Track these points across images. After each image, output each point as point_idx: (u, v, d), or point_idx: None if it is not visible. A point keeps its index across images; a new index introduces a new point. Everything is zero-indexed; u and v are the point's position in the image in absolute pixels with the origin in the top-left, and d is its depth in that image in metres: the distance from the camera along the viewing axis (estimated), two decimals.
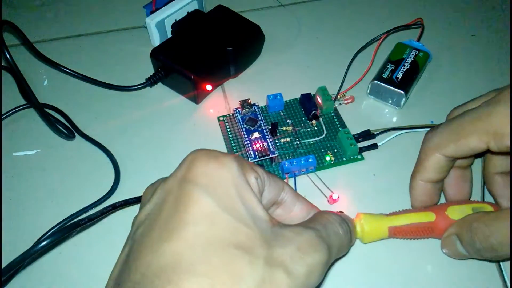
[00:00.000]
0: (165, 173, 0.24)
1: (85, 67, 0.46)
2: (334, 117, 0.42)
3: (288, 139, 0.40)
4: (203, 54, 0.42)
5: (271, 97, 0.42)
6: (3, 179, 0.38)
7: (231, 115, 0.43)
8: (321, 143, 0.40)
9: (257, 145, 0.38)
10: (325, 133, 0.41)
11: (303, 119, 0.42)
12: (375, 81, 0.42)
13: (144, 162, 0.39)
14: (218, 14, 0.47)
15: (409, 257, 0.33)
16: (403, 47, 0.45)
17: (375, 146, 0.40)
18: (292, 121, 0.42)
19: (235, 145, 0.40)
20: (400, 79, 0.42)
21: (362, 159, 0.39)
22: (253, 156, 0.37)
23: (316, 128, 0.41)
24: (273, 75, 0.47)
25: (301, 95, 0.43)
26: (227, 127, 0.42)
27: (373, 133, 0.40)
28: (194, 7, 0.48)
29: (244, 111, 0.40)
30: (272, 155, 0.37)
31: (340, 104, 0.43)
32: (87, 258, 0.33)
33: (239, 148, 0.40)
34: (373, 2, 0.56)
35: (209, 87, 0.43)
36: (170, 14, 0.46)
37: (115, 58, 0.49)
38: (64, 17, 0.54)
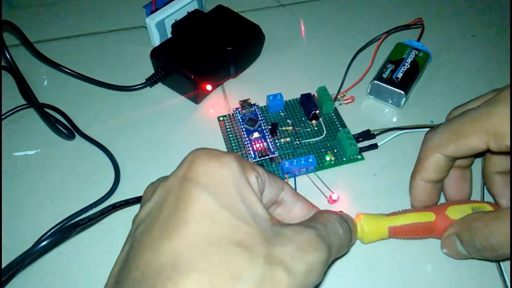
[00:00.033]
0: (165, 173, 0.24)
1: (85, 67, 0.46)
2: (334, 117, 0.42)
3: (288, 139, 0.40)
4: (203, 54, 0.42)
5: (271, 97, 0.42)
6: (3, 179, 0.38)
7: (231, 115, 0.43)
8: (321, 143, 0.40)
9: (257, 145, 0.38)
10: (325, 133, 0.41)
11: (303, 119, 0.42)
12: (375, 81, 0.42)
13: (144, 162, 0.39)
14: (218, 14, 0.47)
15: (409, 257, 0.33)
16: (403, 47, 0.45)
17: (375, 146, 0.40)
18: (292, 121, 0.42)
19: (235, 145, 0.40)
20: (400, 79, 0.42)
21: (362, 159, 0.39)
22: (253, 156, 0.37)
23: (316, 128, 0.41)
24: (273, 75, 0.47)
25: (301, 95, 0.43)
26: (227, 127, 0.42)
27: (373, 133, 0.40)
28: (194, 7, 0.48)
29: (244, 111, 0.40)
30: (272, 155, 0.37)
31: (340, 104, 0.43)
32: (87, 258, 0.33)
33: (239, 148, 0.40)
34: (373, 2, 0.56)
35: (209, 87, 0.43)
36: (170, 14, 0.46)
37: (115, 58, 0.49)
38: (64, 17, 0.54)
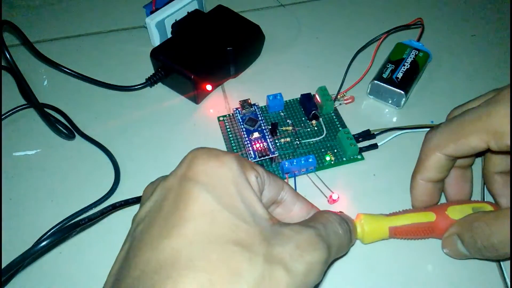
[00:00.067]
0: (165, 173, 0.24)
1: (85, 67, 0.46)
2: (334, 117, 0.42)
3: (288, 139, 0.40)
4: (203, 54, 0.42)
5: (271, 97, 0.42)
6: (3, 179, 0.38)
7: (231, 115, 0.43)
8: (321, 143, 0.40)
9: (257, 145, 0.38)
10: (325, 133, 0.41)
11: (303, 119, 0.42)
12: (375, 81, 0.42)
13: (144, 162, 0.39)
14: (218, 14, 0.47)
15: (410, 257, 0.33)
16: (403, 47, 0.45)
17: (375, 146, 0.40)
18: (292, 121, 0.42)
19: (235, 145, 0.40)
20: (400, 79, 0.42)
21: (362, 159, 0.39)
22: (253, 156, 0.37)
23: (316, 128, 0.41)
24: (273, 75, 0.47)
25: (301, 95, 0.43)
26: (227, 127, 0.42)
27: (373, 133, 0.40)
28: (194, 7, 0.48)
29: (244, 111, 0.40)
30: (272, 155, 0.37)
31: (340, 104, 0.43)
32: (87, 258, 0.33)
33: (239, 148, 0.40)
34: (373, 2, 0.56)
35: (209, 87, 0.43)
36: (170, 14, 0.46)
37: (115, 58, 0.49)
38: (64, 17, 0.54)
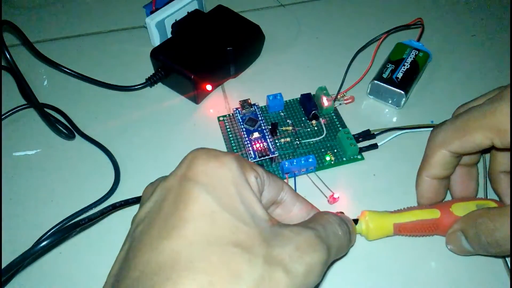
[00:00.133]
0: (165, 173, 0.24)
1: (85, 67, 0.46)
2: (334, 117, 0.42)
3: (288, 139, 0.40)
4: (203, 54, 0.42)
5: (271, 97, 0.42)
6: (3, 179, 0.38)
7: (231, 115, 0.43)
8: (321, 143, 0.40)
9: (257, 145, 0.38)
10: (325, 133, 0.41)
11: (303, 119, 0.42)
12: (375, 81, 0.42)
13: (144, 162, 0.39)
14: (218, 14, 0.47)
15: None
16: (403, 47, 0.45)
17: (375, 146, 0.40)
18: (292, 121, 0.42)
19: (235, 145, 0.40)
20: (400, 79, 0.42)
21: (362, 159, 0.39)
22: (253, 156, 0.37)
23: (316, 128, 0.41)
24: (273, 75, 0.47)
25: (301, 95, 0.43)
26: (227, 127, 0.42)
27: (373, 133, 0.40)
28: (194, 7, 0.48)
29: (244, 111, 0.40)
30: (272, 155, 0.37)
31: (340, 104, 0.43)
32: (87, 258, 0.33)
33: (239, 148, 0.40)
34: (373, 2, 0.56)
35: (209, 87, 0.43)
36: (170, 14, 0.46)
37: (115, 58, 0.49)
38: (64, 17, 0.54)
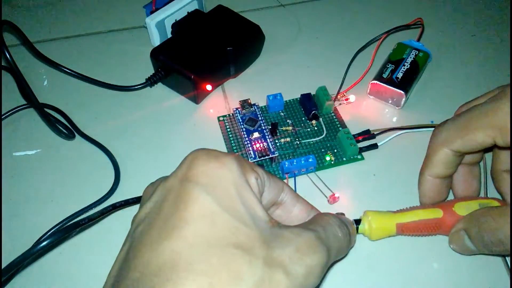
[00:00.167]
0: (165, 173, 0.24)
1: (85, 67, 0.46)
2: (334, 117, 0.42)
3: (288, 139, 0.40)
4: (203, 54, 0.42)
5: (271, 97, 0.42)
6: (3, 179, 0.38)
7: (231, 115, 0.43)
8: (321, 143, 0.40)
9: (257, 145, 0.38)
10: (325, 133, 0.41)
11: (303, 119, 0.42)
12: (375, 81, 0.42)
13: (144, 162, 0.39)
14: (218, 14, 0.47)
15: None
16: (403, 47, 0.45)
17: (375, 146, 0.40)
18: (292, 121, 0.42)
19: (235, 145, 0.40)
20: (400, 79, 0.42)
21: (362, 159, 0.39)
22: (253, 156, 0.37)
23: (316, 128, 0.41)
24: (273, 75, 0.47)
25: (301, 95, 0.43)
26: (227, 127, 0.42)
27: (373, 133, 0.40)
28: (194, 7, 0.48)
29: (244, 111, 0.40)
30: (272, 155, 0.37)
31: (340, 104, 0.43)
32: (87, 258, 0.33)
33: (239, 148, 0.40)
34: (373, 2, 0.56)
35: (209, 87, 0.43)
36: (170, 14, 0.46)
37: (115, 58, 0.49)
38: (64, 17, 0.54)
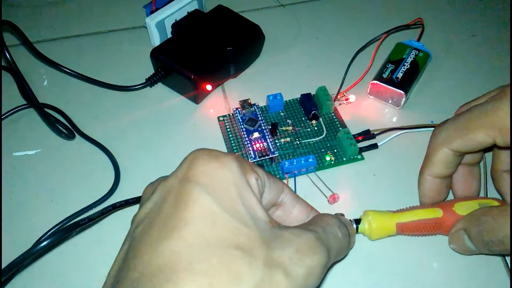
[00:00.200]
0: (165, 173, 0.24)
1: (85, 67, 0.46)
2: (334, 117, 0.42)
3: (288, 139, 0.40)
4: (203, 54, 0.42)
5: (271, 97, 0.42)
6: (3, 179, 0.38)
7: (231, 115, 0.43)
8: (321, 143, 0.40)
9: (257, 145, 0.38)
10: (325, 133, 0.41)
11: (303, 119, 0.42)
12: (375, 81, 0.42)
13: (144, 162, 0.39)
14: (218, 14, 0.47)
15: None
16: (403, 47, 0.45)
17: (375, 146, 0.40)
18: (292, 121, 0.42)
19: (235, 145, 0.40)
20: (400, 79, 0.42)
21: (362, 159, 0.39)
22: (253, 156, 0.37)
23: (316, 128, 0.41)
24: (273, 75, 0.47)
25: (301, 95, 0.43)
26: (227, 127, 0.42)
27: (373, 133, 0.40)
28: (194, 7, 0.48)
29: (244, 111, 0.40)
30: (272, 155, 0.37)
31: (340, 104, 0.43)
32: (87, 258, 0.33)
33: (239, 148, 0.40)
34: (373, 2, 0.56)
35: (209, 87, 0.43)
36: (170, 14, 0.46)
37: (115, 58, 0.49)
38: (64, 17, 0.54)
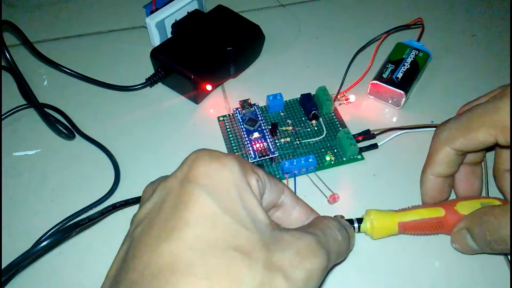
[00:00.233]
0: (165, 173, 0.24)
1: (85, 67, 0.46)
2: (334, 117, 0.42)
3: (288, 139, 0.40)
4: (203, 54, 0.42)
5: (271, 97, 0.42)
6: (3, 179, 0.38)
7: (231, 115, 0.43)
8: (321, 143, 0.40)
9: (257, 145, 0.38)
10: (325, 133, 0.41)
11: (303, 119, 0.42)
12: (375, 81, 0.42)
13: (144, 162, 0.39)
14: (218, 14, 0.47)
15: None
16: (403, 47, 0.45)
17: (375, 146, 0.40)
18: (292, 121, 0.42)
19: (235, 145, 0.40)
20: (400, 79, 0.42)
21: (362, 159, 0.39)
22: (253, 156, 0.37)
23: (316, 128, 0.41)
24: (273, 75, 0.47)
25: (301, 95, 0.43)
26: (227, 127, 0.42)
27: (373, 133, 0.40)
28: (194, 7, 0.48)
29: (244, 111, 0.40)
30: (272, 155, 0.37)
31: (340, 104, 0.43)
32: (87, 258, 0.33)
33: (239, 148, 0.40)
34: (373, 2, 0.56)
35: (209, 87, 0.43)
36: (170, 14, 0.46)
37: (115, 58, 0.49)
38: (64, 17, 0.54)
